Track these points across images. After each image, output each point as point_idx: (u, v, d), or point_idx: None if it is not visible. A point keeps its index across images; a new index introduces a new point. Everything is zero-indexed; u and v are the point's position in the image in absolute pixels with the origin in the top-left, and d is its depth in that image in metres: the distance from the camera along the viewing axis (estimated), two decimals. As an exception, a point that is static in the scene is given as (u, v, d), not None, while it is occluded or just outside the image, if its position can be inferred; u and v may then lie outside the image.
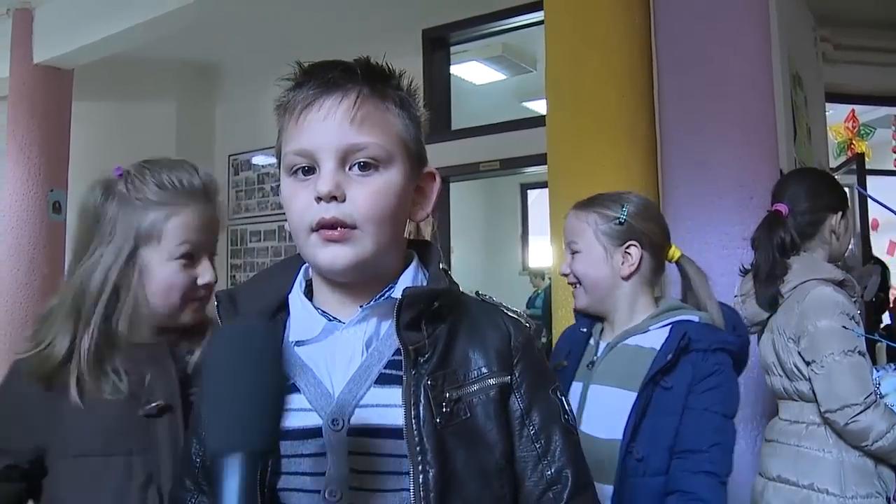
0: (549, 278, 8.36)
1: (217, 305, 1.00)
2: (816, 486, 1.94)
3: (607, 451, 1.57)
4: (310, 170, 0.93)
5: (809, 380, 1.98)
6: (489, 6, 5.50)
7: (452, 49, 6.13)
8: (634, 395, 1.59)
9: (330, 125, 0.92)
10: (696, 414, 1.56)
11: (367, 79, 0.95)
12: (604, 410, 1.63)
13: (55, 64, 5.70)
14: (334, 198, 0.91)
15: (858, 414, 1.86)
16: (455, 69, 6.32)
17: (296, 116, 0.94)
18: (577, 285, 1.76)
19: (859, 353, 1.92)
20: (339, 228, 0.92)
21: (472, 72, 7.02)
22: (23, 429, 1.30)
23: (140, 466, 1.27)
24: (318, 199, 0.91)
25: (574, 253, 1.74)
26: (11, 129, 5.69)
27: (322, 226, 0.92)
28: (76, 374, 1.28)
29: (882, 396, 1.98)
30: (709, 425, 1.55)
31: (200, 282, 1.37)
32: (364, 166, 0.93)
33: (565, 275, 1.78)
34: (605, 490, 1.55)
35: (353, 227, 0.92)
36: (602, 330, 1.77)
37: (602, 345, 1.74)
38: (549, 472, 0.99)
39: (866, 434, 1.88)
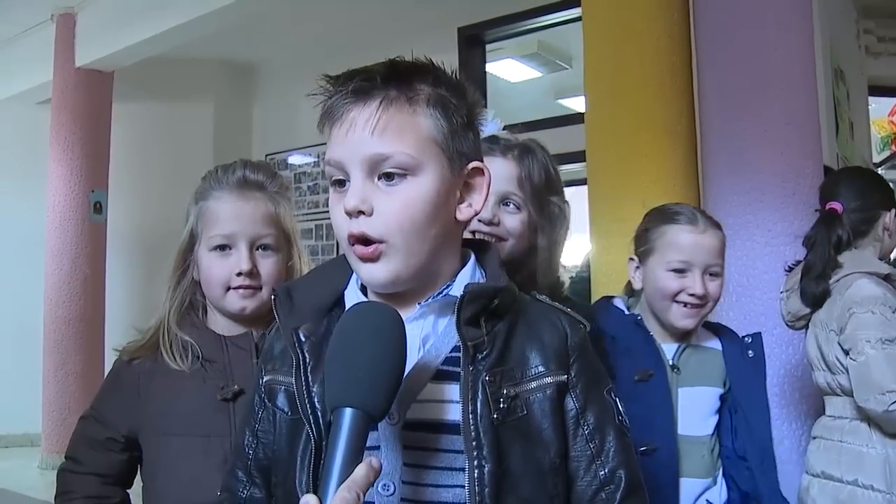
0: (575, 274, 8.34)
1: (273, 299, 1.01)
2: (861, 483, 1.93)
3: (703, 446, 1.70)
4: (344, 181, 0.94)
5: (847, 370, 1.97)
6: (524, 3, 5.49)
7: (488, 47, 6.12)
8: (719, 390, 1.74)
9: (353, 137, 0.91)
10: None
11: (389, 82, 0.93)
12: (698, 410, 1.71)
13: (97, 67, 5.80)
14: (361, 212, 0.91)
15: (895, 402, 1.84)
16: (490, 67, 6.31)
17: (329, 129, 0.94)
18: (701, 308, 1.71)
19: None
20: (369, 245, 0.91)
21: (507, 70, 6.98)
22: (119, 407, 1.45)
23: (217, 448, 1.35)
24: (348, 213, 0.91)
25: (714, 276, 1.72)
26: (55, 130, 5.81)
27: (353, 240, 0.92)
28: (162, 338, 1.43)
29: None
30: None
31: (235, 271, 1.41)
32: (389, 176, 0.91)
33: (698, 296, 1.69)
34: (701, 484, 1.69)
35: (382, 241, 0.91)
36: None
37: (667, 348, 1.76)
38: (602, 473, 0.98)
39: None
